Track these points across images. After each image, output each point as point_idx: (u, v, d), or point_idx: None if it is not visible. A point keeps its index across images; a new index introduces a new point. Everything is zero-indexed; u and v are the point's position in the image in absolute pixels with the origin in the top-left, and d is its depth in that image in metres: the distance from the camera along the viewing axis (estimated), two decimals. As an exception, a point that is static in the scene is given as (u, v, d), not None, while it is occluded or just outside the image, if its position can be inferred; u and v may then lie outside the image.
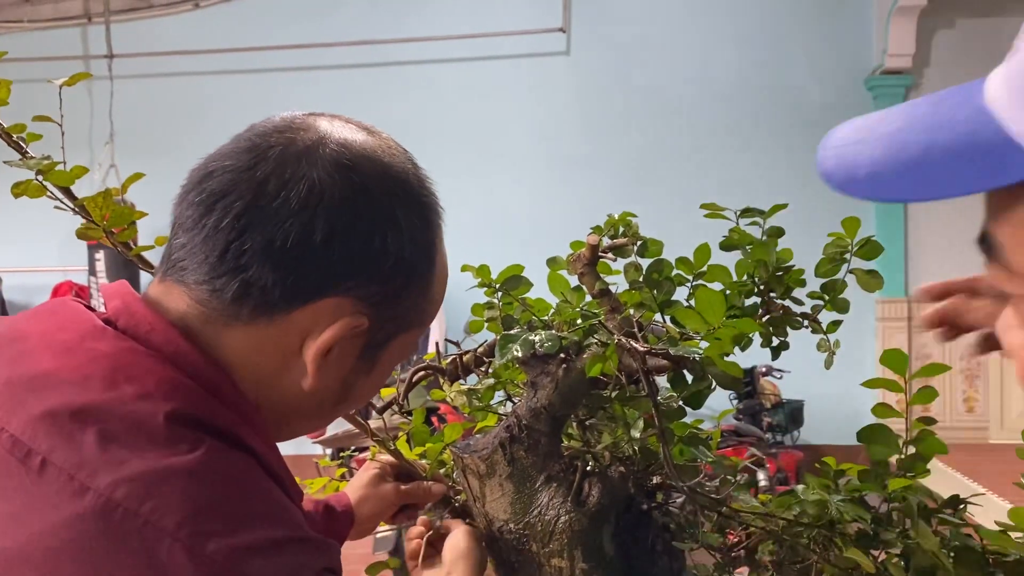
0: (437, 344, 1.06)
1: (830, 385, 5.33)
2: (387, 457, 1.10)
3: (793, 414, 5.14)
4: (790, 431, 5.16)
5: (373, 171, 0.63)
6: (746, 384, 5.08)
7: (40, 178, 0.92)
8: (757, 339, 1.04)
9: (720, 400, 5.20)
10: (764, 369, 5.10)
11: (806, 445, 5.45)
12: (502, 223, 5.91)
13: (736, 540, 0.93)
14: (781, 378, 5.09)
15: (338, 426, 4.89)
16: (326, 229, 0.59)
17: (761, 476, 4.10)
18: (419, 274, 0.66)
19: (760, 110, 5.99)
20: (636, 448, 1.03)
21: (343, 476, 1.21)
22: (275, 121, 0.64)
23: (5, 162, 0.90)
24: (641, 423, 0.91)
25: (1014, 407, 5.83)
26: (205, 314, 0.61)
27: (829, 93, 5.94)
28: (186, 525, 0.51)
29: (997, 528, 0.76)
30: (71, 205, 0.96)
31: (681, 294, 1.06)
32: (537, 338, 0.89)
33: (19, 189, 0.93)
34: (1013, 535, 0.73)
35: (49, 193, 0.96)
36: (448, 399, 1.07)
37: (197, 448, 0.54)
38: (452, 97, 6.20)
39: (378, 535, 3.04)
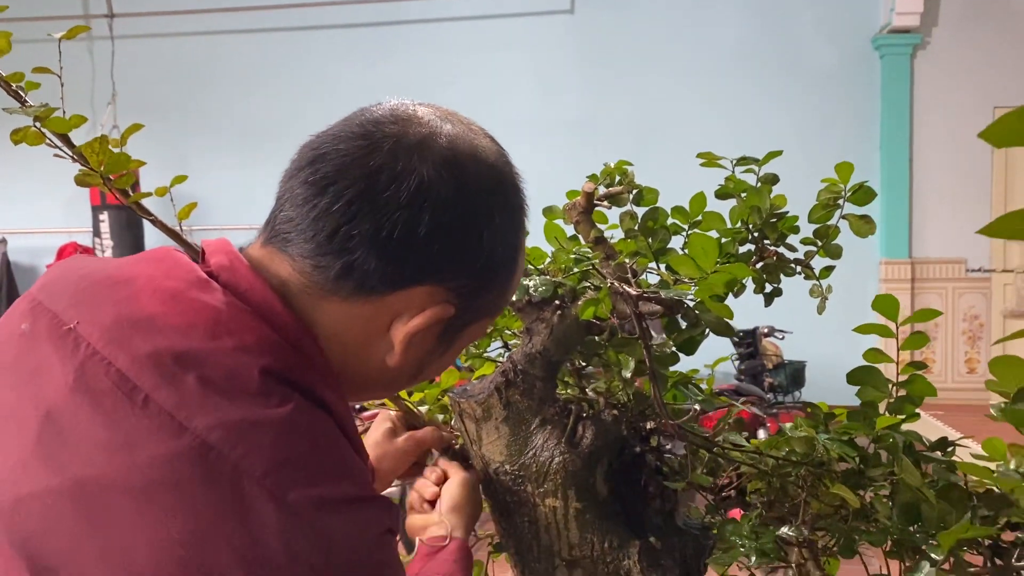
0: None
1: (832, 346, 5.35)
2: (392, 412, 1.11)
3: (795, 375, 5.17)
4: (791, 391, 5.19)
5: (477, 171, 0.67)
6: (748, 345, 5.11)
7: (38, 125, 0.92)
8: (761, 300, 1.06)
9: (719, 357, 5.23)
10: (766, 330, 5.12)
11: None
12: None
13: (727, 481, 0.95)
14: (783, 339, 5.11)
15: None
16: (431, 224, 0.63)
17: (762, 435, 4.14)
18: (505, 271, 0.71)
19: (766, 69, 5.93)
20: (630, 394, 1.05)
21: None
22: (386, 109, 0.68)
23: (3, 109, 0.90)
24: (633, 365, 0.93)
25: (1016, 368, 5.84)
26: (305, 284, 0.65)
27: (836, 52, 5.88)
28: (272, 473, 0.55)
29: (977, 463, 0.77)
30: (70, 153, 0.97)
31: (677, 243, 1.07)
32: (531, 283, 0.90)
33: (18, 136, 0.94)
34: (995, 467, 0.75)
35: (48, 141, 0.97)
36: (445, 346, 1.09)
37: (287, 403, 0.58)
38: (455, 55, 6.16)
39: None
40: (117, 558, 0.53)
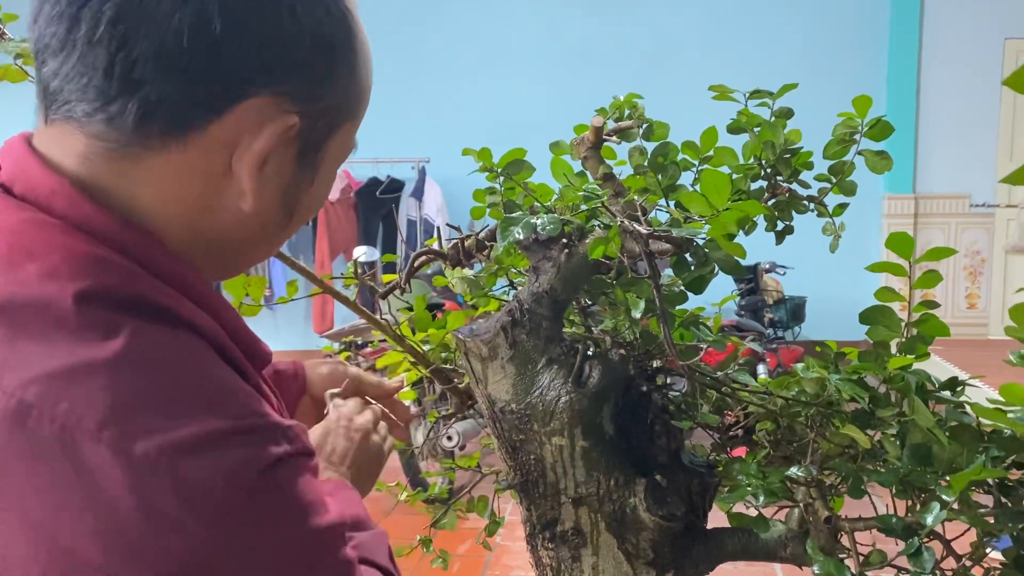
0: (438, 229, 1.05)
1: (833, 282, 5.35)
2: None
3: (795, 310, 5.18)
4: (791, 327, 5.21)
5: None
6: (749, 281, 5.10)
7: (20, 62, 0.89)
8: (762, 236, 1.03)
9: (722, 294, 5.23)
10: (767, 266, 5.11)
11: (807, 341, 5.51)
12: (515, 120, 5.77)
13: (734, 420, 0.94)
14: (784, 275, 5.10)
15: (345, 320, 4.95)
16: (224, 16, 0.50)
17: (761, 370, 4.17)
18: (342, 51, 0.57)
19: (772, -1, 5.78)
20: (637, 333, 1.04)
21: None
22: None
23: (-15, 45, 0.87)
24: (642, 305, 0.91)
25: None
26: (108, 150, 0.52)
27: (845, -20, 5.72)
28: (109, 425, 0.45)
29: (991, 406, 0.76)
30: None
31: (687, 180, 1.05)
32: (539, 220, 0.88)
33: (-1, 73, 0.92)
34: (1009, 412, 0.74)
35: (31, 78, 0.94)
36: (450, 284, 1.07)
37: (115, 333, 0.47)
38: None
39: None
40: None
